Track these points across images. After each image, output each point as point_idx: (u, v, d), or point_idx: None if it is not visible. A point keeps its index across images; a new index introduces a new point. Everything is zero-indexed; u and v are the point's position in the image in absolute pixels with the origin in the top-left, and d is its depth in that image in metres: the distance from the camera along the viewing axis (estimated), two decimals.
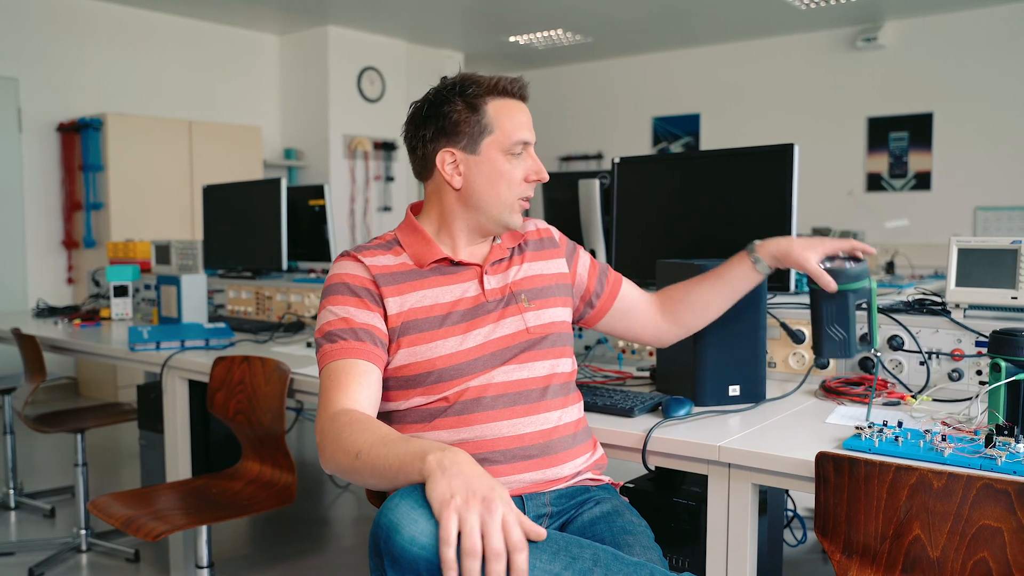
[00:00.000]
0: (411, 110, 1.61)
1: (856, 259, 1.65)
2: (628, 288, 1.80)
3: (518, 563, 1.09)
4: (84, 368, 6.28)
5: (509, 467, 1.50)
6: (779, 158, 2.07)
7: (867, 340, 1.68)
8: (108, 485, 3.96)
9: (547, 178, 1.60)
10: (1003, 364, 1.50)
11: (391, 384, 1.54)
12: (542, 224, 1.76)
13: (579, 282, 1.75)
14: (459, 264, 1.58)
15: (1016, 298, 1.81)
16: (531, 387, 1.55)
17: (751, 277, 1.71)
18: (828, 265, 1.63)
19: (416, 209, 1.67)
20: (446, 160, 1.55)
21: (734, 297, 1.73)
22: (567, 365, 1.63)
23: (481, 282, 1.58)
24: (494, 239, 1.64)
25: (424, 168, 1.61)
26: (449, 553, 1.08)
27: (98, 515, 2.16)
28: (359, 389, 1.44)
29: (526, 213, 1.65)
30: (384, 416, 1.56)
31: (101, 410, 3.49)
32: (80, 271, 6.38)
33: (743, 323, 1.80)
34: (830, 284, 1.61)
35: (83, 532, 3.18)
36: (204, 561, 2.26)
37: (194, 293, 3.25)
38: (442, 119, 1.54)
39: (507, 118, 1.54)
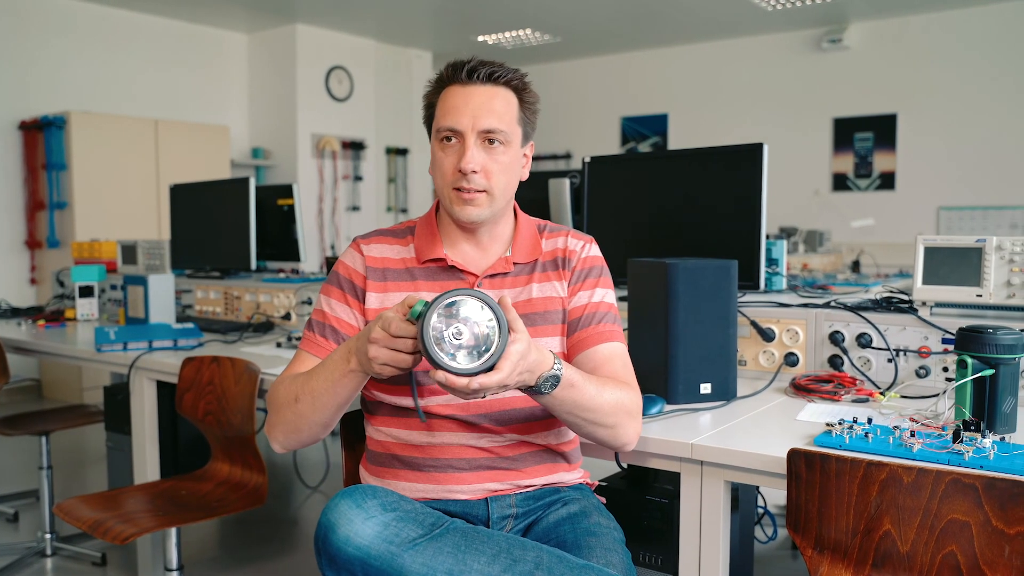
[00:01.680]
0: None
1: None
2: (611, 350, 1.52)
3: (395, 332, 1.25)
4: (48, 370, 6.18)
5: (473, 475, 1.48)
6: (749, 157, 2.09)
7: None
8: (74, 488, 3.90)
9: (468, 169, 1.43)
10: (969, 361, 1.53)
11: None
12: (575, 243, 1.59)
13: (568, 308, 1.55)
14: (455, 269, 1.52)
15: (981, 296, 1.85)
16: (511, 406, 1.48)
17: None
18: None
19: None
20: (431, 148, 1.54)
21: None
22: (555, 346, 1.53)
23: None
24: (506, 250, 1.55)
25: None
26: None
27: (65, 518, 2.13)
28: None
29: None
30: (364, 404, 1.60)
31: (66, 412, 3.43)
32: (43, 271, 6.27)
33: (714, 321, 1.81)
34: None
35: (48, 536, 3.12)
36: (173, 564, 2.23)
37: (161, 293, 3.20)
38: (425, 110, 1.54)
39: (446, 104, 1.46)
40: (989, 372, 1.52)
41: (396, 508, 1.27)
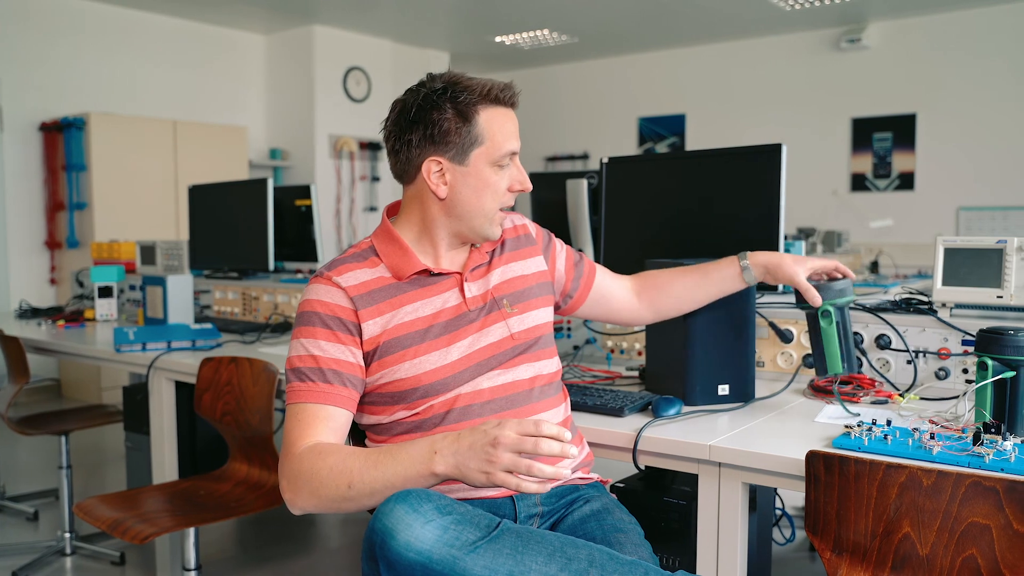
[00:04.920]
0: (396, 109, 1.53)
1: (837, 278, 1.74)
2: (602, 276, 1.80)
3: (552, 435, 1.22)
4: (67, 370, 6.23)
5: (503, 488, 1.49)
6: (767, 158, 2.08)
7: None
8: (93, 488, 3.93)
9: (530, 187, 1.56)
10: (990, 363, 1.51)
11: (373, 399, 1.51)
12: (519, 219, 1.71)
13: (558, 278, 1.73)
14: (439, 274, 1.54)
15: (1001, 297, 1.83)
16: (517, 390, 1.54)
17: (736, 283, 1.73)
18: (815, 281, 1.71)
19: (392, 211, 1.61)
20: (432, 169, 1.48)
21: (712, 297, 1.75)
22: (551, 365, 1.62)
23: (462, 290, 1.54)
24: (473, 244, 1.60)
25: (406, 172, 1.54)
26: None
27: (84, 518, 2.15)
28: (325, 433, 1.42)
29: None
30: (369, 428, 1.56)
31: (86, 412, 3.46)
32: (63, 272, 6.32)
33: (732, 323, 1.81)
34: (816, 298, 1.65)
35: (67, 535, 3.15)
36: (192, 564, 2.25)
37: (180, 294, 3.22)
38: (431, 126, 1.46)
39: (498, 129, 1.48)
40: (1010, 374, 1.50)
41: (452, 511, 1.25)
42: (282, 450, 1.44)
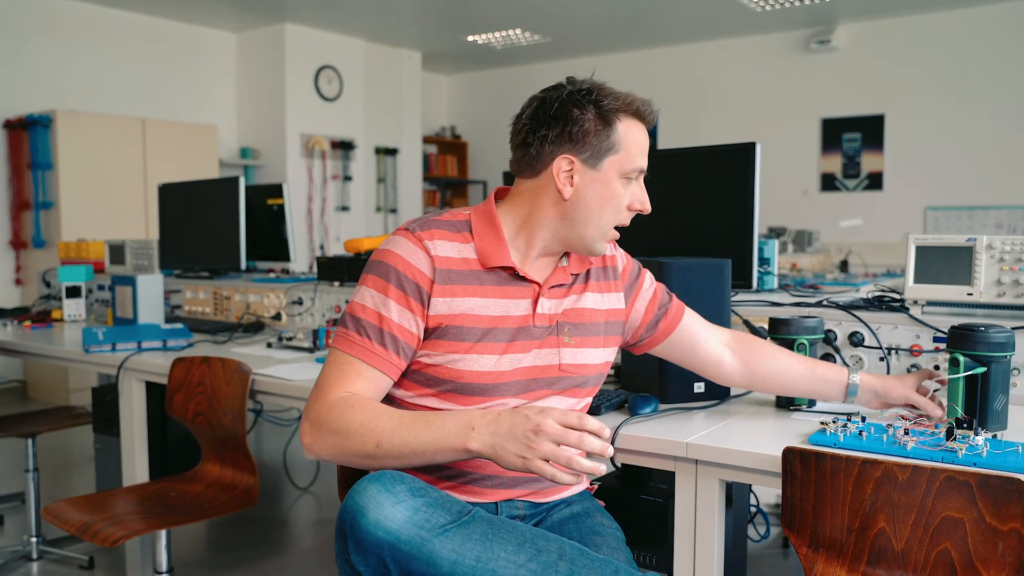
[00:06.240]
0: (533, 104, 1.48)
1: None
2: (690, 320, 1.68)
3: (594, 430, 1.23)
4: (34, 371, 6.13)
5: (492, 492, 1.48)
6: (741, 157, 2.09)
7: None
8: (61, 491, 3.87)
9: (649, 210, 1.52)
10: (961, 359, 1.53)
11: (408, 373, 1.47)
12: (610, 249, 1.64)
13: (633, 318, 1.64)
14: (521, 278, 1.48)
15: (971, 294, 1.85)
16: None
17: (835, 391, 1.67)
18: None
19: (500, 196, 1.55)
20: (562, 167, 1.44)
21: (808, 395, 1.70)
22: (584, 402, 1.58)
23: (535, 303, 1.48)
24: (561, 259, 1.54)
25: (532, 167, 1.47)
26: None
27: (52, 521, 2.11)
28: (364, 391, 1.40)
29: None
30: (392, 406, 1.50)
31: (53, 414, 3.41)
32: (29, 272, 6.22)
33: (707, 320, 1.81)
34: (936, 411, 1.60)
35: (34, 540, 3.09)
36: (163, 566, 2.22)
37: (150, 293, 3.18)
38: (571, 123, 1.42)
39: (635, 141, 1.46)
40: (981, 370, 1.52)
41: (425, 494, 1.25)
42: (313, 392, 1.41)
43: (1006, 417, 1.56)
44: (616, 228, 1.51)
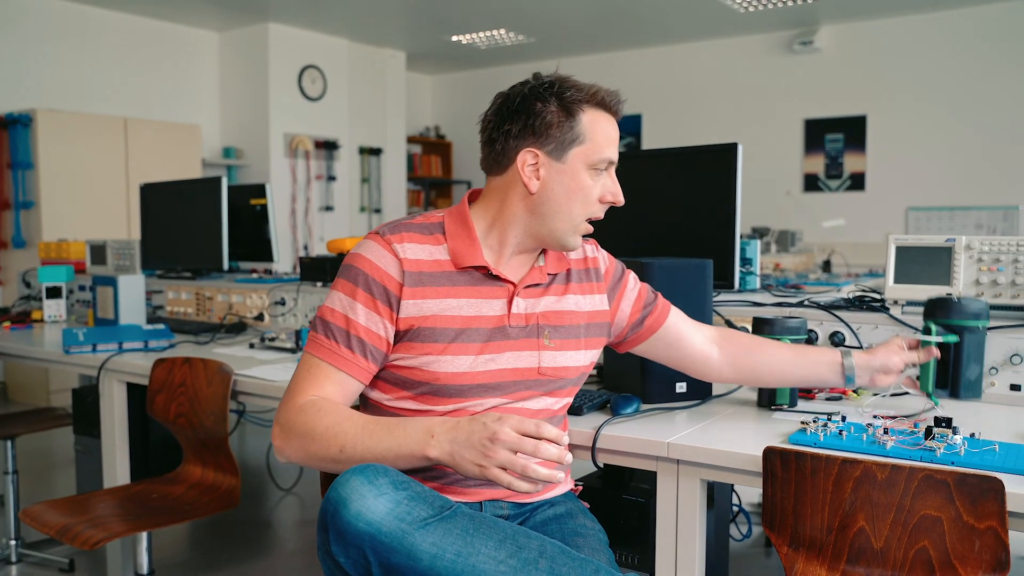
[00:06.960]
0: (499, 100, 1.48)
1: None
2: (676, 318, 1.68)
3: (551, 438, 1.23)
4: (13, 372, 6.08)
5: (476, 492, 1.48)
6: (723, 157, 2.10)
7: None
8: (40, 493, 3.84)
9: (622, 202, 1.50)
10: (933, 327, 1.56)
11: (384, 376, 1.47)
12: (592, 250, 1.63)
13: (619, 319, 1.63)
14: (495, 277, 1.48)
15: (951, 294, 1.87)
16: None
17: (831, 373, 1.65)
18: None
19: (474, 197, 1.54)
20: (527, 160, 1.44)
21: (802, 381, 1.68)
22: (563, 401, 1.57)
23: (509, 303, 1.48)
24: (537, 259, 1.53)
25: (498, 163, 1.47)
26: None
27: (31, 524, 2.10)
28: (332, 393, 1.41)
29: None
30: (371, 410, 1.52)
31: (33, 415, 3.37)
32: (9, 272, 6.16)
33: None
34: (930, 354, 1.61)
35: (13, 543, 3.06)
36: (144, 569, 2.21)
37: (132, 294, 3.16)
38: (533, 116, 1.43)
39: (600, 132, 1.45)
40: (954, 338, 1.54)
41: (407, 487, 1.25)
42: (284, 395, 1.42)
43: (980, 387, 1.59)
44: (591, 222, 1.50)
